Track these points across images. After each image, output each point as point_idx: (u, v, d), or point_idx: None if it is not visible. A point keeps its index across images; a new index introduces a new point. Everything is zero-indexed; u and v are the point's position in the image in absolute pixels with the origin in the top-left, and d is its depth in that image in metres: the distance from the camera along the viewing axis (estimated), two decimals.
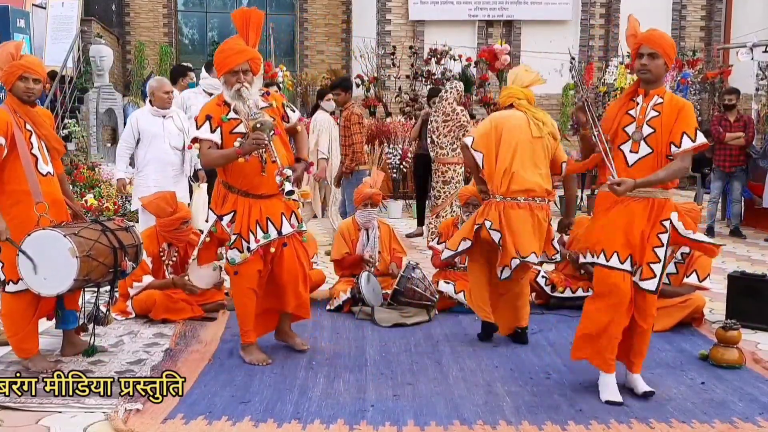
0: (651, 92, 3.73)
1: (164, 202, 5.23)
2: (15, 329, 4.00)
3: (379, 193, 5.77)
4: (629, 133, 3.73)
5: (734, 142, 9.04)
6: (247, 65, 4.05)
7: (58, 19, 13.73)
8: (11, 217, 3.87)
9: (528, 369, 4.21)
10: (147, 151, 6.28)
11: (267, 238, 4.12)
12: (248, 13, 4.12)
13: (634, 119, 3.73)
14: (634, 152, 3.71)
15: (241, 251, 4.11)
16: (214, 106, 4.12)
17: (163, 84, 6.41)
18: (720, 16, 16.64)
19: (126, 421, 3.31)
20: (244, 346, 4.30)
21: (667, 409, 3.61)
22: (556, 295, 5.59)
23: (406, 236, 8.65)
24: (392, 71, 15.24)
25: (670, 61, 3.72)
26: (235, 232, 4.11)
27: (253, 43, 4.11)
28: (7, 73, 3.92)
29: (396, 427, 3.35)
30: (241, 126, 4.04)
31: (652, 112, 3.69)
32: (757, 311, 5.08)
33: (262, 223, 4.11)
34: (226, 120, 4.06)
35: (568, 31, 16.35)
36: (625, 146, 3.73)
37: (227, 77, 4.04)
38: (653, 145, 3.66)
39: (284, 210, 4.20)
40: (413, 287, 5.20)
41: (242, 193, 4.12)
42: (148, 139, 6.27)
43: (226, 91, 4.06)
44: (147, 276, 5.06)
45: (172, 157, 6.34)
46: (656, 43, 3.67)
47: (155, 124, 6.28)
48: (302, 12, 18.35)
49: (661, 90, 3.75)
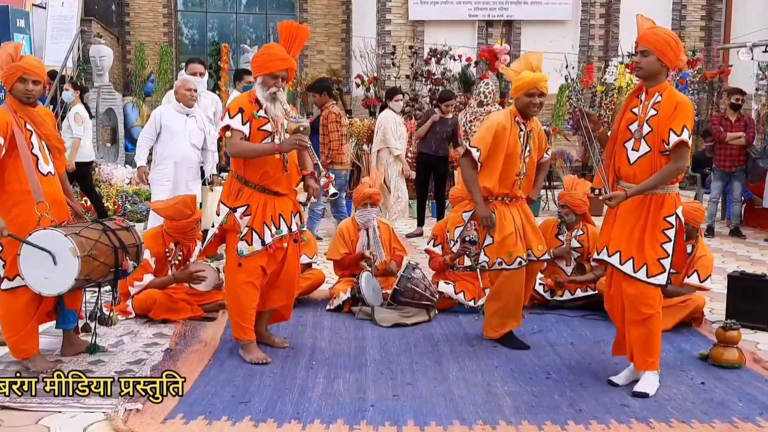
0: (651, 90, 3.77)
1: (184, 206, 5.22)
2: (14, 329, 3.98)
3: (379, 193, 5.78)
4: (632, 131, 3.79)
5: (735, 141, 9.04)
6: (285, 73, 4.19)
7: (58, 19, 13.72)
8: (12, 217, 3.86)
9: (528, 369, 4.21)
10: (166, 146, 6.38)
11: (280, 234, 4.21)
12: (297, 28, 4.27)
13: (637, 117, 3.79)
14: (636, 150, 3.76)
15: (250, 244, 4.16)
16: (246, 102, 4.21)
17: (186, 82, 6.52)
18: (720, 16, 16.63)
19: (126, 421, 3.31)
20: (245, 344, 4.30)
21: (667, 409, 3.61)
22: (555, 299, 5.59)
23: (406, 236, 8.66)
24: (392, 71, 15.24)
25: (666, 58, 3.71)
26: (249, 225, 4.17)
27: (294, 55, 4.24)
28: (7, 75, 3.91)
29: (396, 427, 3.35)
30: (268, 125, 4.17)
31: (652, 110, 3.74)
32: (757, 311, 5.09)
33: (275, 219, 4.21)
34: (257, 116, 4.17)
35: (568, 31, 16.35)
36: (629, 144, 3.80)
37: (266, 79, 4.15)
38: (651, 144, 3.73)
39: (293, 209, 4.33)
40: (413, 287, 5.20)
41: (259, 188, 4.19)
42: (169, 134, 6.36)
43: (261, 91, 4.17)
44: (148, 275, 5.06)
45: (191, 154, 6.44)
46: (647, 41, 3.72)
47: (178, 120, 6.39)
48: (302, 12, 18.35)
49: (662, 87, 3.77)
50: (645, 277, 3.73)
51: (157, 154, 6.48)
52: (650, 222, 3.75)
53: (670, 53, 3.72)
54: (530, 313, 5.40)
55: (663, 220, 3.73)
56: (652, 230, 3.74)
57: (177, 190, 6.24)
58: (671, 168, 3.68)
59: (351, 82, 15.97)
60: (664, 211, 3.74)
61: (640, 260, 3.74)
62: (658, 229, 3.73)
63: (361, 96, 14.71)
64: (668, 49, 3.71)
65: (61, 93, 8.63)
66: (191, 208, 5.23)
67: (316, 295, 5.77)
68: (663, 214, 3.73)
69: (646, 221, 3.75)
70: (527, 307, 5.54)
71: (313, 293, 5.75)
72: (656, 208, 3.73)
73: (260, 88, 4.17)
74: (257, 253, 4.17)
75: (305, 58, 18.29)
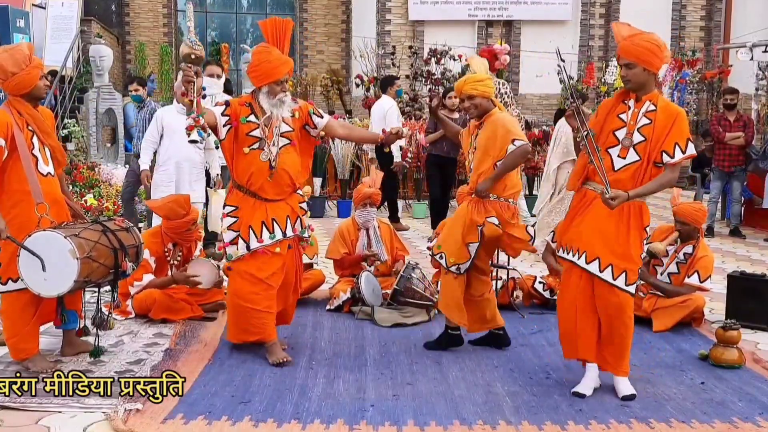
0: (643, 98, 3.67)
1: (177, 205, 5.23)
2: (14, 330, 3.99)
3: (378, 193, 5.77)
4: (619, 138, 3.68)
5: (734, 141, 9.04)
6: (287, 75, 4.17)
7: (58, 19, 13.74)
8: (12, 217, 3.86)
9: (528, 369, 4.22)
10: (169, 146, 6.38)
11: (273, 239, 4.16)
12: (282, 23, 4.19)
13: (625, 124, 3.68)
14: (622, 158, 3.66)
15: (237, 248, 4.17)
16: (236, 102, 4.21)
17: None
18: (720, 16, 16.64)
19: (126, 421, 3.31)
20: (269, 345, 4.26)
21: (667, 409, 3.61)
22: (555, 299, 5.57)
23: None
24: (392, 71, 15.24)
25: (652, 66, 3.61)
26: (235, 230, 4.17)
27: (285, 51, 4.21)
28: (31, 76, 3.93)
29: (396, 427, 3.35)
30: (257, 131, 4.14)
31: (644, 119, 3.64)
32: (757, 311, 5.08)
33: (267, 223, 4.16)
34: (245, 122, 4.14)
35: (568, 31, 16.36)
36: (614, 150, 3.68)
37: (272, 87, 4.12)
38: (641, 154, 3.62)
39: (290, 214, 4.26)
40: (413, 287, 5.20)
41: (248, 192, 4.19)
42: (170, 134, 6.38)
43: (267, 99, 4.14)
44: (148, 275, 5.06)
45: (193, 154, 6.46)
46: (629, 53, 3.61)
47: (179, 121, 6.35)
48: (302, 12, 18.36)
49: (654, 96, 3.68)
50: (624, 285, 3.65)
51: (159, 156, 6.50)
52: (632, 230, 3.66)
53: (655, 60, 3.61)
54: (530, 313, 5.41)
55: (643, 229, 3.69)
56: (635, 239, 3.66)
57: (180, 190, 6.23)
58: (670, 177, 3.62)
59: (351, 82, 15.97)
60: (645, 221, 3.69)
61: (620, 268, 3.64)
62: (639, 239, 3.68)
63: (361, 96, 14.71)
64: (653, 57, 3.60)
65: (61, 93, 8.65)
66: (185, 208, 5.23)
67: (316, 295, 5.77)
68: (645, 223, 3.69)
69: (627, 228, 3.65)
70: (526, 307, 5.56)
71: (313, 293, 5.75)
72: (637, 216, 3.66)
73: (266, 98, 4.14)
74: (243, 257, 4.15)
75: (305, 58, 18.31)
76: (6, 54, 3.92)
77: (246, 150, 4.14)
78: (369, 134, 4.92)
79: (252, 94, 4.23)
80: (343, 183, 10.98)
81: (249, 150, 4.14)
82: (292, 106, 4.22)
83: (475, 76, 4.35)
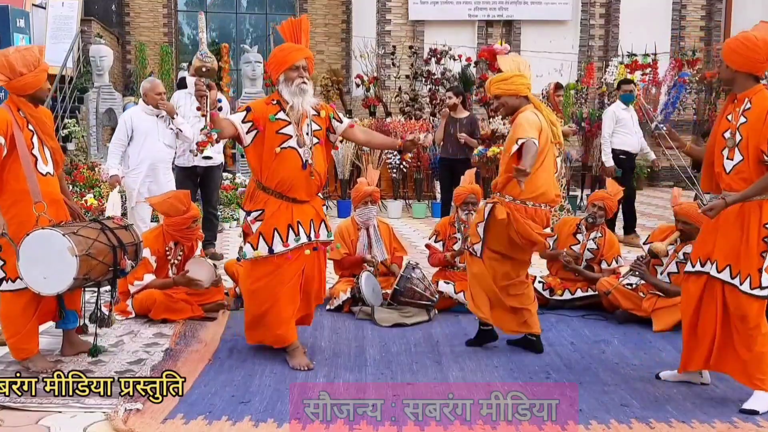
0: (740, 96, 3.63)
1: (177, 201, 5.22)
2: (14, 329, 3.99)
3: (378, 191, 5.76)
4: (726, 138, 3.66)
5: None
6: (305, 62, 4.09)
7: (58, 19, 13.75)
8: (10, 216, 3.87)
9: (528, 369, 4.21)
10: (141, 149, 6.30)
11: (298, 242, 4.12)
12: (298, 22, 4.18)
13: (731, 124, 3.66)
14: (730, 159, 3.63)
15: (255, 248, 4.11)
16: (261, 104, 4.15)
17: (155, 85, 6.43)
18: (720, 16, 16.63)
19: (126, 421, 3.31)
20: (289, 349, 4.22)
21: (667, 409, 3.61)
22: (555, 298, 5.58)
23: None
24: (392, 71, 15.23)
25: (733, 64, 3.58)
26: (259, 230, 4.11)
27: (306, 45, 4.16)
28: (38, 79, 3.95)
29: (396, 427, 3.35)
30: (289, 128, 4.07)
31: (742, 118, 3.60)
32: None
33: (293, 226, 4.11)
34: (274, 120, 4.06)
35: (568, 31, 16.35)
36: (724, 152, 3.67)
37: (288, 73, 4.05)
38: (744, 153, 3.58)
39: (314, 217, 4.21)
40: (413, 287, 5.20)
41: (275, 194, 4.12)
42: (141, 137, 6.29)
43: (287, 88, 4.06)
44: (148, 275, 5.06)
45: (164, 155, 6.42)
46: (722, 52, 3.66)
47: (149, 122, 6.32)
48: (302, 12, 18.33)
49: (751, 92, 3.60)
50: (749, 290, 3.55)
51: (131, 158, 6.34)
52: (751, 231, 3.56)
53: (735, 57, 3.59)
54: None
55: (763, 227, 3.55)
56: (755, 239, 3.56)
57: (157, 191, 6.12)
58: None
59: (351, 82, 15.96)
60: (764, 218, 3.55)
61: (745, 272, 3.56)
62: (759, 238, 3.55)
63: (360, 96, 14.70)
64: (735, 56, 3.58)
65: (61, 93, 8.64)
66: (185, 204, 5.22)
67: None
68: (763, 221, 3.55)
69: (747, 230, 3.57)
70: None
71: None
72: (755, 216, 3.56)
73: (285, 87, 4.06)
74: (265, 258, 4.10)
75: None
76: (18, 54, 3.94)
77: (277, 149, 4.04)
78: (389, 141, 4.88)
79: (277, 92, 4.16)
80: (343, 183, 10.98)
81: (280, 149, 4.04)
82: (315, 101, 4.13)
83: (500, 76, 4.33)
